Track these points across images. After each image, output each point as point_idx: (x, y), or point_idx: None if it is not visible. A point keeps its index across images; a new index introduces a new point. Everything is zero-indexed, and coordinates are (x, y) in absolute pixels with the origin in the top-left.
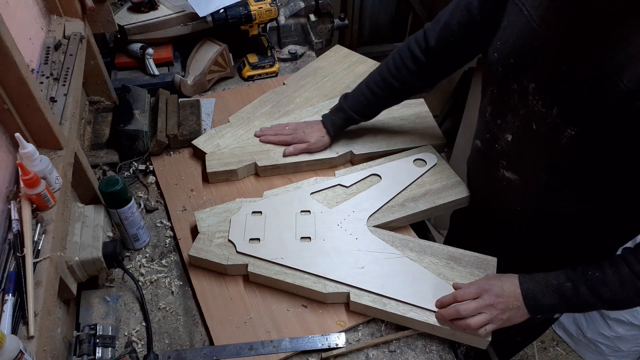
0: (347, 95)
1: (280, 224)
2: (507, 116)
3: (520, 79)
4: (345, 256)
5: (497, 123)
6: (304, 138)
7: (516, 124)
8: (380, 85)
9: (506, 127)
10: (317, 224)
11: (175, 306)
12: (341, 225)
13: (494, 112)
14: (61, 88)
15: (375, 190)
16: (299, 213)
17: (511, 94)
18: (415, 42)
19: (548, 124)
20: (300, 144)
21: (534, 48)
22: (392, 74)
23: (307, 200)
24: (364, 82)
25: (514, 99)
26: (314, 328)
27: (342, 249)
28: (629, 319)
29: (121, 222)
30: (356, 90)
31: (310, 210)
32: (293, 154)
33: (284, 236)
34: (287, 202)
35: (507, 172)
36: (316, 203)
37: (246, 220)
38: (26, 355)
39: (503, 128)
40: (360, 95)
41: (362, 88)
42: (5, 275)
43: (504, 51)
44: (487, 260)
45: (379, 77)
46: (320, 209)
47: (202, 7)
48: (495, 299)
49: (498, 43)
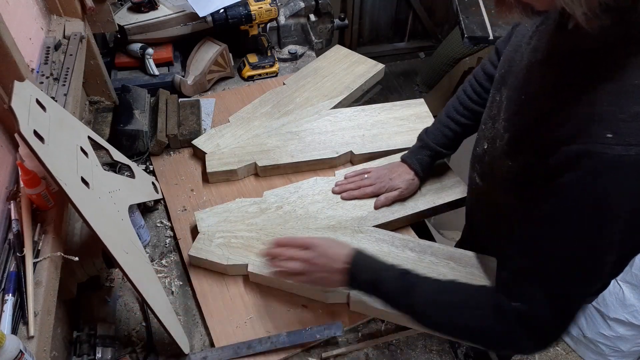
0: (427, 131)
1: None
2: (488, 124)
3: (502, 92)
4: None
5: (482, 128)
6: (392, 185)
7: (491, 135)
8: (463, 114)
9: (486, 134)
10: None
11: (175, 306)
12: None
13: (484, 116)
14: (61, 88)
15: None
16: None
17: (495, 105)
18: (489, 63)
19: (501, 146)
20: (391, 193)
21: (515, 64)
22: (473, 100)
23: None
24: (443, 114)
25: (494, 110)
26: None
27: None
28: (629, 319)
29: None
30: (437, 124)
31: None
32: (385, 204)
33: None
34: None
35: (477, 179)
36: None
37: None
38: (26, 355)
39: (484, 134)
40: (445, 128)
41: (443, 120)
42: (5, 275)
43: (502, 60)
44: (487, 260)
45: (461, 107)
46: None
47: (202, 7)
48: (320, 253)
49: (504, 50)
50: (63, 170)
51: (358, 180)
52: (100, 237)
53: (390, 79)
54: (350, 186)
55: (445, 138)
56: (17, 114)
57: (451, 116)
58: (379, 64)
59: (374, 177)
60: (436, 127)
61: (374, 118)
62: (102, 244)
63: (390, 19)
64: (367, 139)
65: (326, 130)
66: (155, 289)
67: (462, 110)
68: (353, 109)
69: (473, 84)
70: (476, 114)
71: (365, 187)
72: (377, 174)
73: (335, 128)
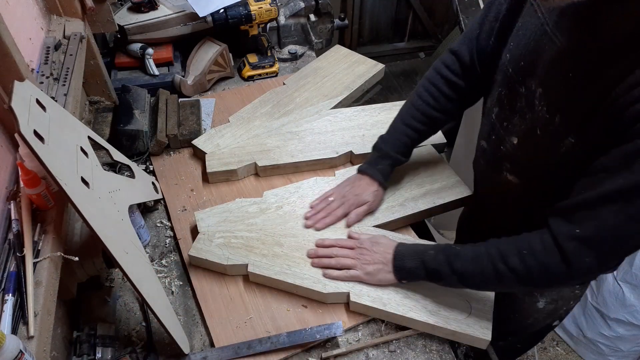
0: (384, 139)
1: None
2: (514, 119)
3: (529, 83)
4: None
5: (504, 125)
6: (359, 200)
7: (522, 128)
8: (421, 120)
9: (512, 130)
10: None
11: (175, 306)
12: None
13: (501, 114)
14: (61, 88)
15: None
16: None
17: (519, 97)
18: (444, 67)
19: (550, 131)
20: (360, 208)
21: (544, 52)
22: (431, 106)
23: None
24: (398, 121)
25: (521, 103)
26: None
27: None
28: (629, 319)
29: None
30: (393, 131)
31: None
32: (357, 221)
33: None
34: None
35: (510, 176)
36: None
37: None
38: (26, 355)
39: (509, 130)
40: (402, 136)
41: (400, 128)
42: (5, 275)
43: (516, 53)
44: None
45: (418, 113)
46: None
47: (202, 7)
48: (366, 251)
49: (511, 44)
50: (63, 170)
51: (325, 206)
52: (100, 237)
53: (390, 79)
54: (321, 215)
55: (404, 146)
56: (17, 114)
57: (408, 123)
58: (379, 64)
59: (339, 197)
60: (393, 136)
61: (374, 118)
62: (102, 244)
63: (390, 19)
64: (367, 139)
65: (326, 130)
66: (155, 289)
67: (419, 116)
68: (353, 109)
69: (430, 89)
70: (433, 119)
71: (335, 211)
72: (341, 193)
73: (335, 128)
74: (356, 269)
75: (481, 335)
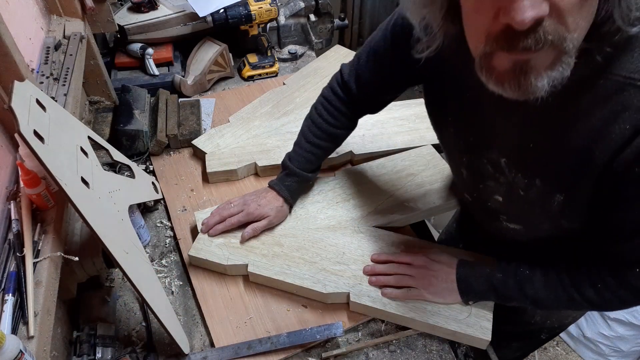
0: (290, 158)
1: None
2: (488, 182)
3: (489, 155)
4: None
5: (480, 187)
6: (260, 213)
7: (502, 189)
8: (322, 137)
9: (493, 190)
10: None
11: (175, 306)
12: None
13: (471, 178)
14: (61, 88)
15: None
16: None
17: (485, 165)
18: (338, 86)
19: (535, 191)
20: (260, 222)
21: (492, 127)
22: (330, 124)
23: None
24: (301, 138)
25: (490, 170)
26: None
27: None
28: (629, 319)
29: None
30: (298, 149)
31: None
32: (253, 235)
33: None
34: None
35: (511, 224)
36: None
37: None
38: (26, 355)
39: (489, 191)
40: (307, 153)
41: (304, 145)
42: (5, 275)
43: (460, 127)
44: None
45: (319, 130)
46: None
47: (202, 7)
48: (425, 270)
49: (449, 118)
50: (63, 170)
51: (223, 212)
52: (100, 237)
53: None
54: (215, 220)
55: (309, 163)
56: (17, 114)
57: (311, 141)
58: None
59: (241, 204)
60: (298, 154)
61: (374, 118)
62: (102, 244)
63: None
64: (367, 139)
65: None
66: (155, 289)
67: (320, 134)
68: None
69: (327, 106)
70: (334, 136)
71: (230, 218)
72: (244, 200)
73: None
74: (417, 288)
75: (481, 336)
